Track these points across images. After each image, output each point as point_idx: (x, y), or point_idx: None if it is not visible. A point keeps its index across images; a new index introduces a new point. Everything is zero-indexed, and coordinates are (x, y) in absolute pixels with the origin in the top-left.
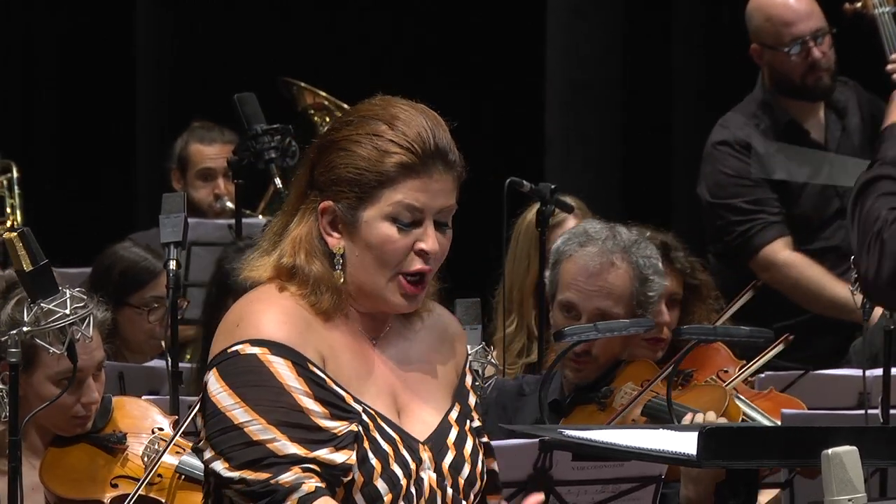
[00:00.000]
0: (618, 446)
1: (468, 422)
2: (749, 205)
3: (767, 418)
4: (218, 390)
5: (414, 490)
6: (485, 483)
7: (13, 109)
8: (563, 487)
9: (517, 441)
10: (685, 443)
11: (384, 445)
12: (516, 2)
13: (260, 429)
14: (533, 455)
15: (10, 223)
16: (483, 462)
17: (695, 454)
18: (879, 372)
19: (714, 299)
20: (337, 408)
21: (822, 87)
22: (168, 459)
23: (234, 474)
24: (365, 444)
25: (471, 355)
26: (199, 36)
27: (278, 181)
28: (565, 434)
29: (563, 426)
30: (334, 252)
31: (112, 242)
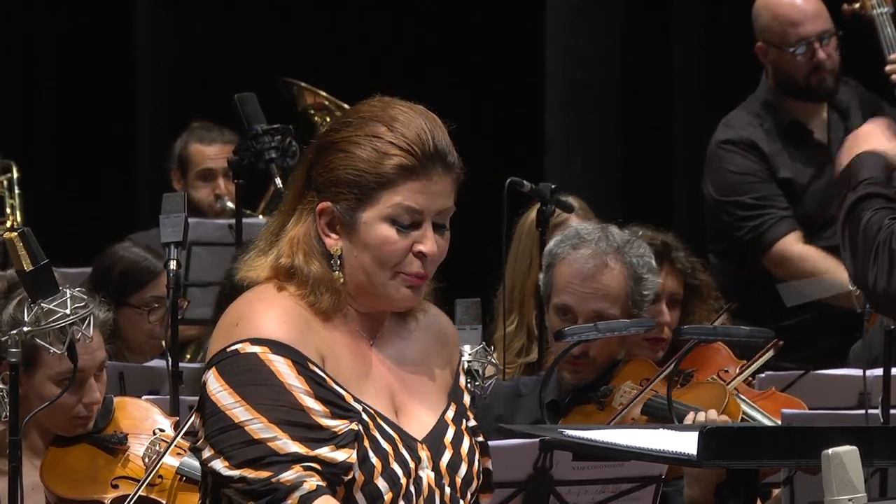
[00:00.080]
0: (618, 446)
1: (464, 421)
2: (758, 200)
3: (768, 418)
4: (218, 389)
5: (413, 489)
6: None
7: (13, 109)
8: (564, 487)
9: (517, 441)
10: (685, 443)
11: (384, 444)
12: (516, 2)
13: (261, 427)
14: (533, 455)
15: (10, 223)
16: (479, 461)
17: (695, 454)
18: (880, 372)
19: (714, 299)
20: (337, 407)
21: (826, 89)
22: (169, 461)
23: (235, 473)
24: (365, 443)
25: (471, 355)
26: (199, 36)
27: (279, 181)
28: (566, 434)
29: (564, 426)
30: (332, 253)
31: (112, 242)
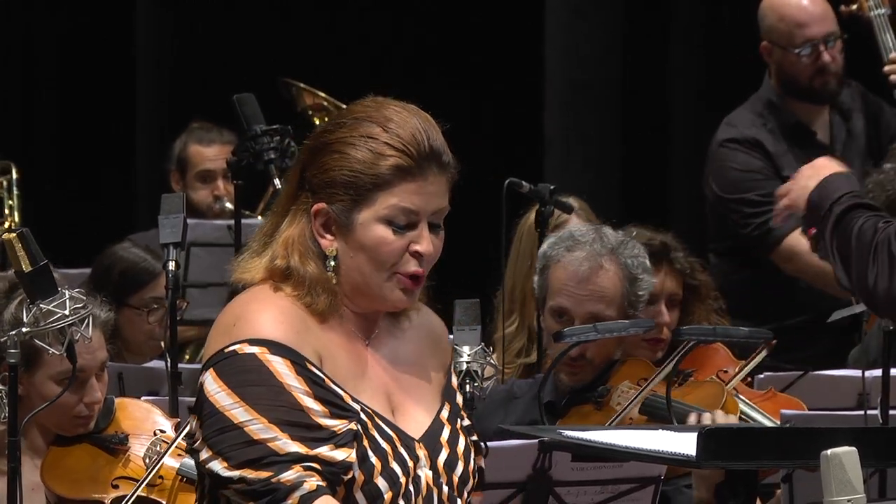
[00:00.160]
0: (617, 447)
1: (459, 420)
2: (764, 197)
3: (767, 417)
4: (216, 390)
5: (412, 488)
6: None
7: (13, 109)
8: (563, 488)
9: (516, 442)
10: (684, 443)
11: (383, 444)
12: (516, 2)
13: (261, 428)
14: (532, 456)
15: (9, 224)
16: (474, 460)
17: (694, 455)
18: (879, 372)
19: (714, 299)
20: (336, 406)
21: (829, 91)
22: (169, 462)
23: (234, 473)
24: (364, 443)
25: (470, 356)
26: (199, 36)
27: (278, 182)
28: (565, 435)
29: (563, 426)
30: (327, 254)
31: (112, 243)
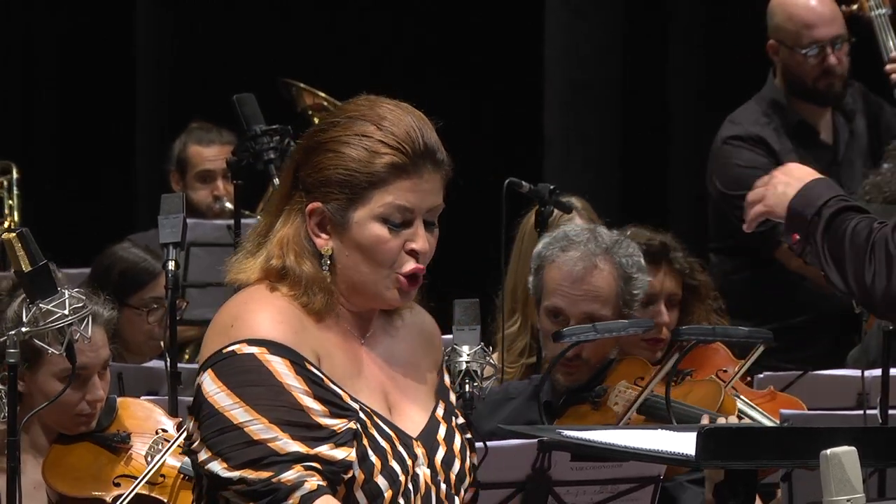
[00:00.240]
0: (616, 447)
1: (454, 418)
2: None
3: (765, 415)
4: (215, 391)
5: (411, 486)
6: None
7: (13, 109)
8: (562, 488)
9: (516, 441)
10: (684, 443)
11: (382, 442)
12: (516, 2)
13: (261, 428)
14: (531, 455)
15: (9, 224)
16: (469, 457)
17: (693, 455)
18: (878, 372)
19: (713, 299)
20: (335, 406)
21: (833, 93)
22: (171, 461)
23: (234, 474)
24: (364, 442)
25: (469, 356)
26: (199, 36)
27: (277, 182)
28: (564, 434)
29: (562, 426)
30: (322, 253)
31: (111, 243)
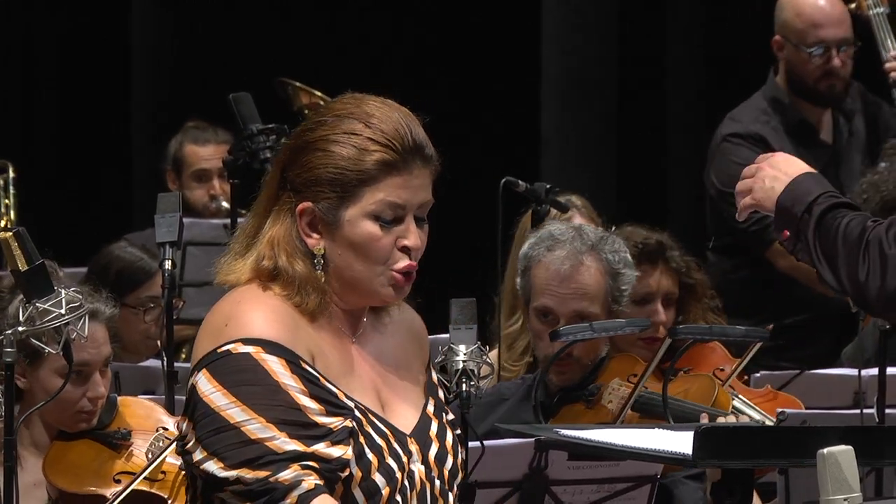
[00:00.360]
0: (613, 446)
1: (444, 415)
2: None
3: (759, 412)
4: (210, 390)
5: (407, 483)
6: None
7: (13, 109)
8: (559, 487)
9: (513, 441)
10: (681, 442)
11: (378, 440)
12: (514, 2)
13: (258, 427)
14: (529, 455)
15: (5, 223)
16: (460, 454)
17: (690, 454)
18: (875, 371)
19: (710, 298)
20: (331, 404)
21: (834, 95)
22: (172, 459)
23: (231, 473)
24: (360, 440)
25: (466, 355)
26: (199, 36)
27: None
28: (561, 434)
29: (560, 425)
30: (314, 253)
31: (108, 242)
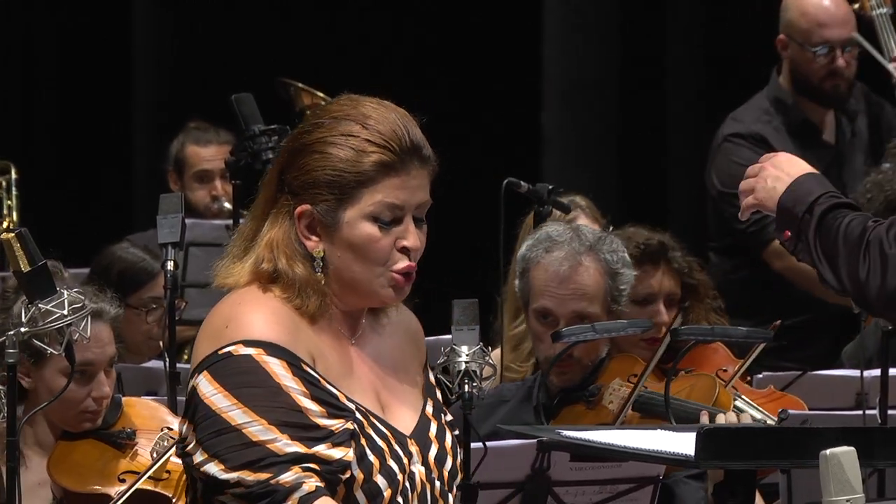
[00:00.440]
0: (616, 447)
1: (442, 416)
2: None
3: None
4: (212, 392)
5: (408, 484)
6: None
7: (13, 109)
8: (562, 488)
9: (515, 442)
10: (683, 443)
11: (379, 442)
12: (515, 2)
13: (260, 429)
14: (531, 456)
15: (8, 224)
16: (459, 454)
17: (693, 455)
18: (877, 372)
19: (712, 298)
20: (333, 406)
21: (838, 95)
22: (177, 459)
23: (232, 476)
24: (362, 442)
25: (468, 356)
26: (199, 36)
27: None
28: (563, 434)
29: (562, 426)
30: (314, 255)
31: (110, 243)
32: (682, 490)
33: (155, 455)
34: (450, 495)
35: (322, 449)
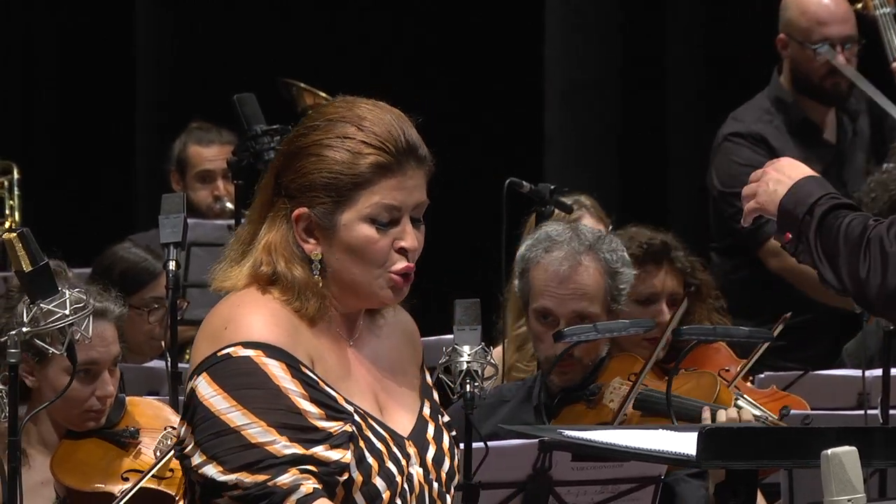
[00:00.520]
0: (617, 447)
1: (440, 417)
2: None
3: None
4: (211, 394)
5: (407, 486)
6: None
7: (13, 109)
8: (563, 488)
9: (517, 441)
10: (685, 443)
11: (377, 444)
12: (516, 2)
13: (259, 431)
14: (532, 455)
15: (10, 224)
16: (457, 456)
17: (694, 454)
18: (879, 372)
19: (714, 298)
20: (331, 409)
21: (839, 93)
22: None
23: (229, 477)
24: (360, 444)
25: (470, 356)
26: (199, 36)
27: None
28: (565, 434)
29: (563, 426)
30: (312, 258)
31: (112, 243)
32: (683, 488)
33: (158, 454)
34: (448, 496)
35: (320, 450)
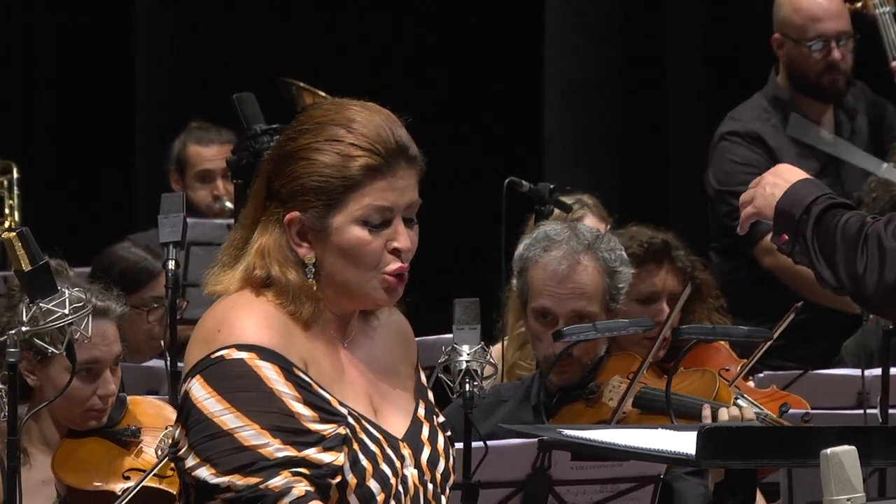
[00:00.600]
0: (617, 446)
1: (435, 418)
2: None
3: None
4: (205, 396)
5: (401, 488)
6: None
7: (13, 109)
8: (562, 487)
9: (516, 441)
10: (684, 442)
11: (371, 446)
12: (516, 2)
13: (252, 434)
14: (532, 455)
15: (9, 223)
16: (452, 457)
17: (694, 454)
18: (878, 371)
19: (714, 298)
20: (325, 411)
21: (836, 89)
22: None
23: (222, 480)
24: (355, 446)
25: (469, 355)
26: (199, 36)
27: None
28: (564, 433)
29: (563, 425)
30: (305, 262)
31: (111, 243)
32: (682, 486)
33: (160, 453)
34: (443, 497)
35: (312, 453)
